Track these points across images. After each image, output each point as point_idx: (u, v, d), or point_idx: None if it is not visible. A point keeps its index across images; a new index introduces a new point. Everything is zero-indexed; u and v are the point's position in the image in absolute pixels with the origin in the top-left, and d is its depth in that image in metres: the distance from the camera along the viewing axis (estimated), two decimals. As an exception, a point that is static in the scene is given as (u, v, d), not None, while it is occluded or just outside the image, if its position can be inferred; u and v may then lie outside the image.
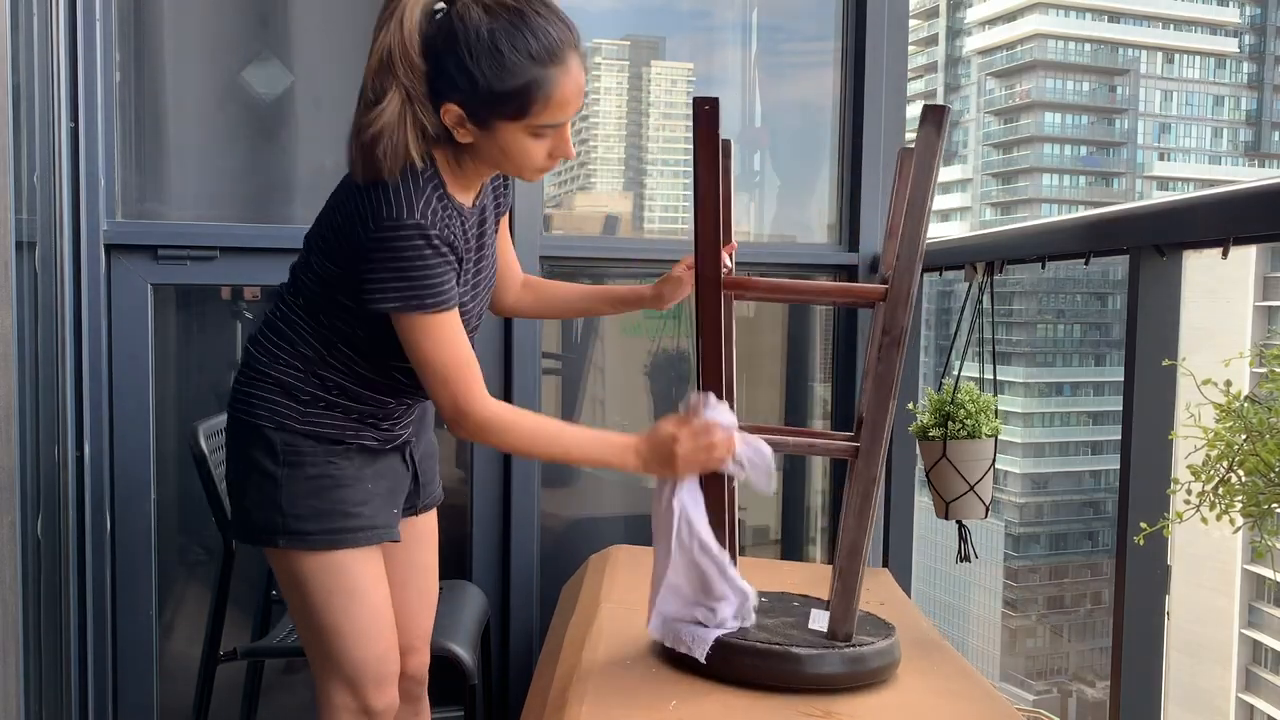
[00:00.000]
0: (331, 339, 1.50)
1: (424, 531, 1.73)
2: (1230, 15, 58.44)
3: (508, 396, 2.48)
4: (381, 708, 1.57)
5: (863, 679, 1.53)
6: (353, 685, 1.55)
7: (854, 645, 1.54)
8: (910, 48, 2.88)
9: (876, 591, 2.07)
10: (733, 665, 1.51)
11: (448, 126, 1.39)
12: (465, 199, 1.48)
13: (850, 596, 1.55)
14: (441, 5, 1.37)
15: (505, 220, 1.70)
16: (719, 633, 1.53)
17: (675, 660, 1.56)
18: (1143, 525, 1.55)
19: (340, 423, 1.52)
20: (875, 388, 1.50)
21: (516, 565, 2.52)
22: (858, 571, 1.55)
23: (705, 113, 1.44)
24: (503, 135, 1.39)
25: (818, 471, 2.89)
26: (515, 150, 1.40)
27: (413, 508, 1.68)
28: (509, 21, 1.33)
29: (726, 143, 1.55)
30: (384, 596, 1.56)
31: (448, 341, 1.40)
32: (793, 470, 2.93)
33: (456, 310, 1.42)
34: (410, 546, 1.67)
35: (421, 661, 1.76)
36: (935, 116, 1.48)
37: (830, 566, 1.63)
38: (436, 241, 1.37)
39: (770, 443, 1.51)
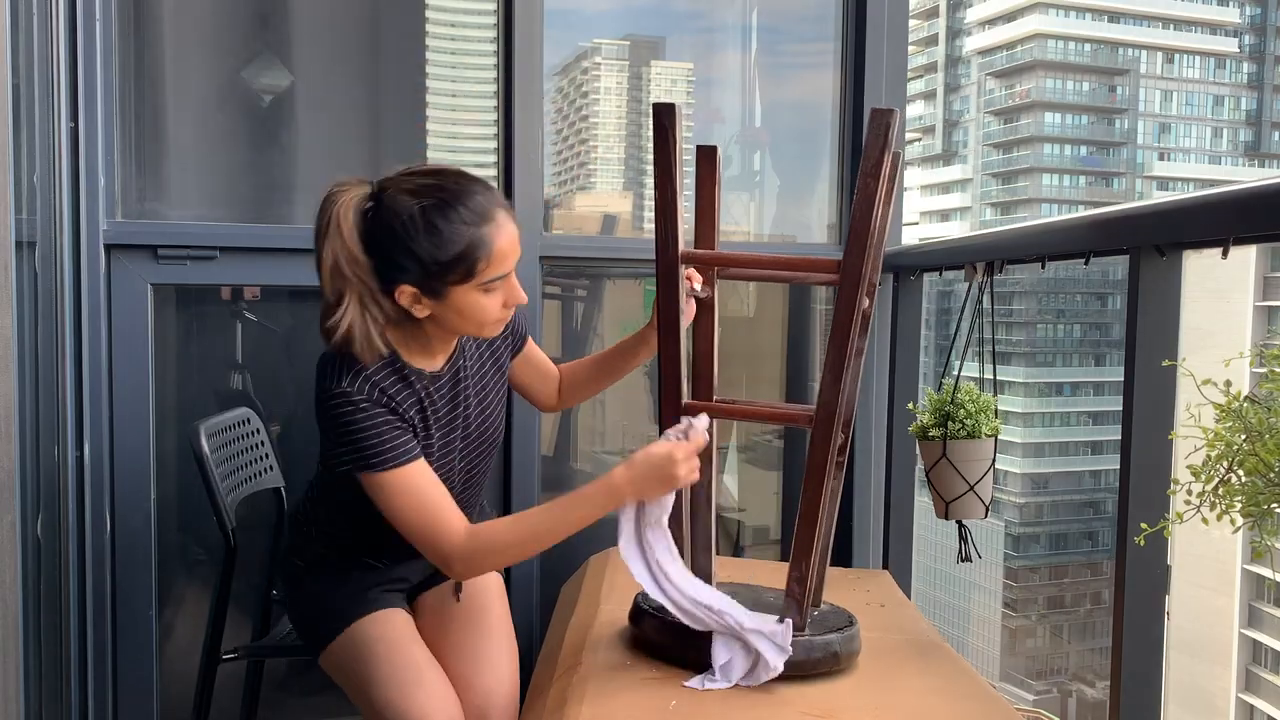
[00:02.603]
0: (342, 508, 1.65)
1: (489, 584, 1.82)
2: (1230, 15, 58.42)
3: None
4: None
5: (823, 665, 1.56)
6: None
7: (816, 635, 1.56)
8: (910, 48, 2.88)
9: (877, 593, 2.07)
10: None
11: (405, 307, 1.49)
12: (430, 363, 1.57)
13: (804, 586, 1.58)
14: (369, 203, 1.46)
15: (530, 340, 1.81)
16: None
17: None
18: (1143, 525, 1.55)
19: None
20: (828, 369, 1.53)
21: (516, 565, 2.51)
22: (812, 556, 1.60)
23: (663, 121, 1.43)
24: (457, 299, 1.48)
25: (818, 471, 2.89)
26: (472, 309, 1.50)
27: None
28: (436, 198, 1.44)
29: (713, 149, 1.60)
30: (422, 652, 1.62)
31: (410, 495, 1.49)
32: (793, 470, 2.92)
33: (416, 463, 1.50)
34: (474, 596, 1.77)
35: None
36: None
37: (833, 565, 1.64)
38: (365, 405, 1.47)
39: (730, 414, 1.68)
